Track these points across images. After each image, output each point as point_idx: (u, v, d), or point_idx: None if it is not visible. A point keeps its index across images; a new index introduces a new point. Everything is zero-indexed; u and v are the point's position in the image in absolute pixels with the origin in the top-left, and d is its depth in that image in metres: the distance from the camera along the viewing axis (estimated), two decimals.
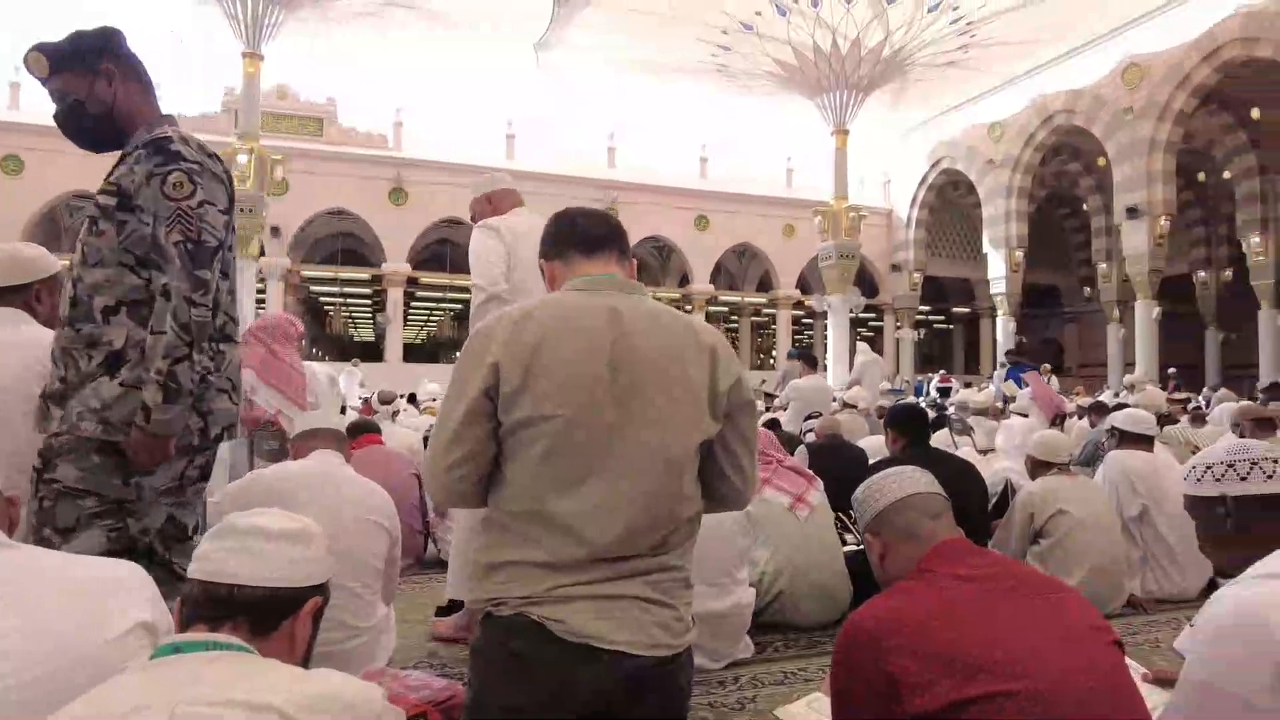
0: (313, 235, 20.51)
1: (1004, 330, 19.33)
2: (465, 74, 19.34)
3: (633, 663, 1.29)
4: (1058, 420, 7.84)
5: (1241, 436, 4.32)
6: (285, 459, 2.89)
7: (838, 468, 4.30)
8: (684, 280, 22.85)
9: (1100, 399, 9.02)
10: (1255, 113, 16.20)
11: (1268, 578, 1.42)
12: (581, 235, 1.54)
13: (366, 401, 10.15)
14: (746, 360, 25.95)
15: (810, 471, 3.53)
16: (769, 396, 10.63)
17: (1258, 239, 16.91)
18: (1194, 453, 5.64)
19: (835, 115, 17.46)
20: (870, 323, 25.79)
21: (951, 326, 28.94)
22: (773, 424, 6.40)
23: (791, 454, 4.42)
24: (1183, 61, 15.01)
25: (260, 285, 17.10)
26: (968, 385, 14.51)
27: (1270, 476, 1.55)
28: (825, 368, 17.80)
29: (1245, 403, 4.94)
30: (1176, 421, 7.56)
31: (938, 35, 16.03)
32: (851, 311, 18.20)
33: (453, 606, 3.12)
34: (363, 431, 4.52)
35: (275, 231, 17.11)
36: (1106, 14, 15.56)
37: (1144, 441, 3.65)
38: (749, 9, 15.43)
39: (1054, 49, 17.07)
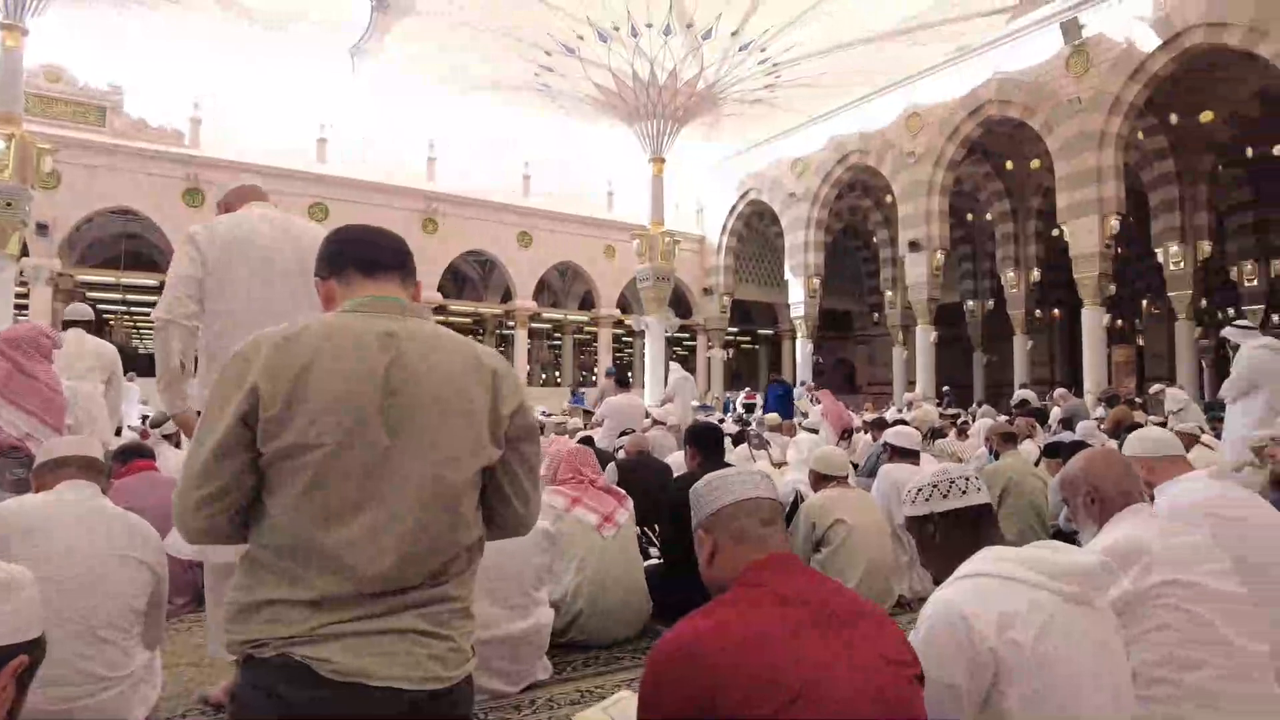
0: (91, 236, 18.35)
1: (803, 351, 20.79)
2: (275, 73, 18.13)
3: (407, 698, 1.25)
4: (846, 435, 8.53)
5: (991, 451, 4.93)
6: None
7: (644, 483, 4.45)
8: (507, 295, 22.67)
9: (883, 415, 9.91)
10: (1009, 164, 18.58)
11: (964, 578, 1.64)
12: (362, 254, 1.47)
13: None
14: (569, 378, 26.12)
15: (622, 491, 3.62)
16: (587, 414, 10.75)
17: (1012, 274, 19.34)
18: (957, 463, 6.34)
19: (653, 143, 18.07)
20: (684, 342, 26.81)
21: (757, 347, 30.77)
22: (587, 441, 6.49)
23: (603, 470, 4.53)
24: (953, 115, 16.94)
25: (22, 289, 15.04)
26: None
27: (965, 492, 1.78)
28: (644, 385, 18.31)
29: (993, 422, 5.67)
30: (946, 435, 8.47)
31: (747, 74, 17.05)
32: (667, 331, 18.83)
33: None
34: (134, 456, 4.11)
35: (42, 229, 15.11)
36: (892, 67, 17.26)
37: (910, 455, 4.06)
38: (571, 33, 15.67)
39: (849, 94, 18.69)
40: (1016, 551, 1.71)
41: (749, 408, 15.43)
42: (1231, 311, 17.83)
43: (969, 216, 21.76)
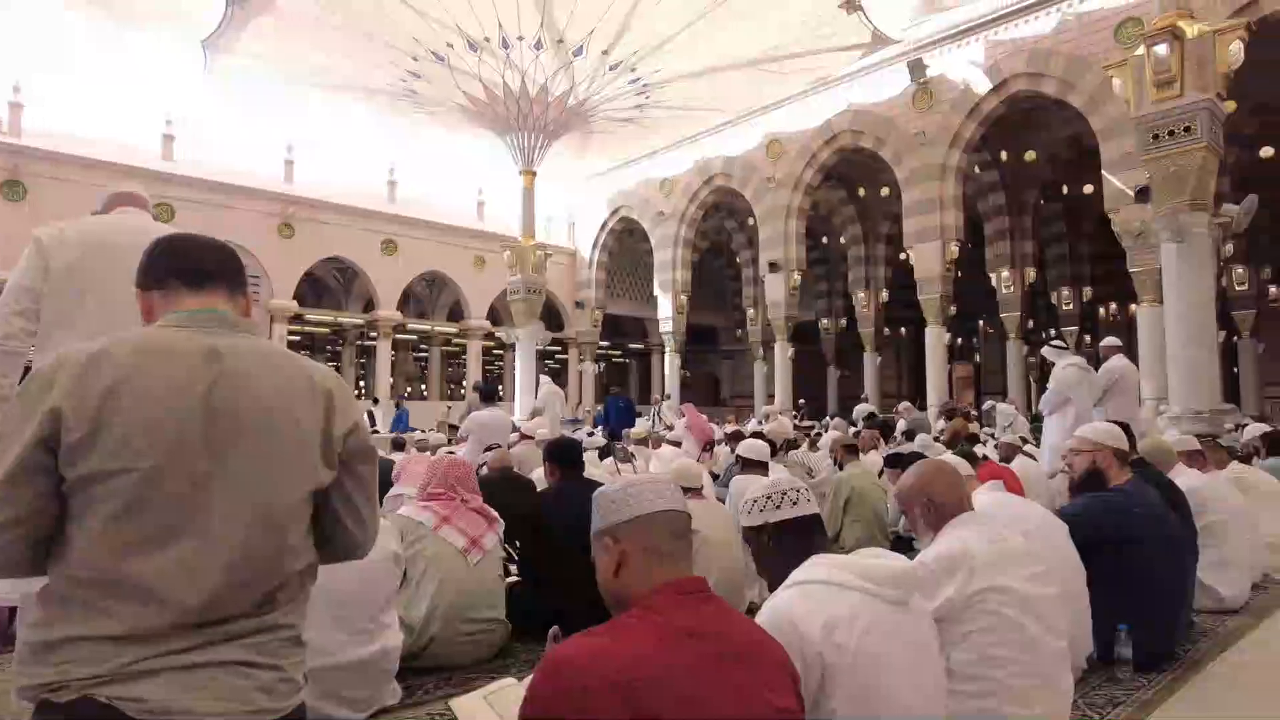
0: None
1: (671, 365, 21.24)
2: (115, 59, 16.73)
3: None
4: (708, 447, 8.77)
5: (835, 462, 5.22)
6: None
7: (506, 500, 4.41)
8: (369, 305, 21.85)
9: (740, 428, 10.26)
10: (861, 191, 19.76)
11: (794, 585, 1.75)
12: (186, 265, 1.39)
13: None
14: (436, 391, 25.46)
15: (494, 513, 3.57)
16: (452, 429, 10.53)
17: (862, 295, 20.54)
18: (808, 473, 6.66)
19: (524, 155, 18.00)
20: (556, 356, 26.74)
21: (628, 360, 31.14)
22: None
23: None
24: (811, 143, 17.86)
25: None
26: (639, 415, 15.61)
27: (796, 504, 1.90)
28: (514, 399, 18.09)
29: (838, 433, 6.03)
30: (799, 446, 8.85)
31: (618, 93, 17.30)
32: (538, 345, 18.73)
33: None
34: None
35: None
36: (755, 95, 18.01)
37: (759, 467, 4.24)
38: (440, 40, 15.40)
39: (715, 119, 19.33)
40: (842, 559, 1.84)
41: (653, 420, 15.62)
42: (1052, 331, 19.67)
43: (824, 239, 22.95)
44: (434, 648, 3.10)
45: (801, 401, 18.73)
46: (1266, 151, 14.52)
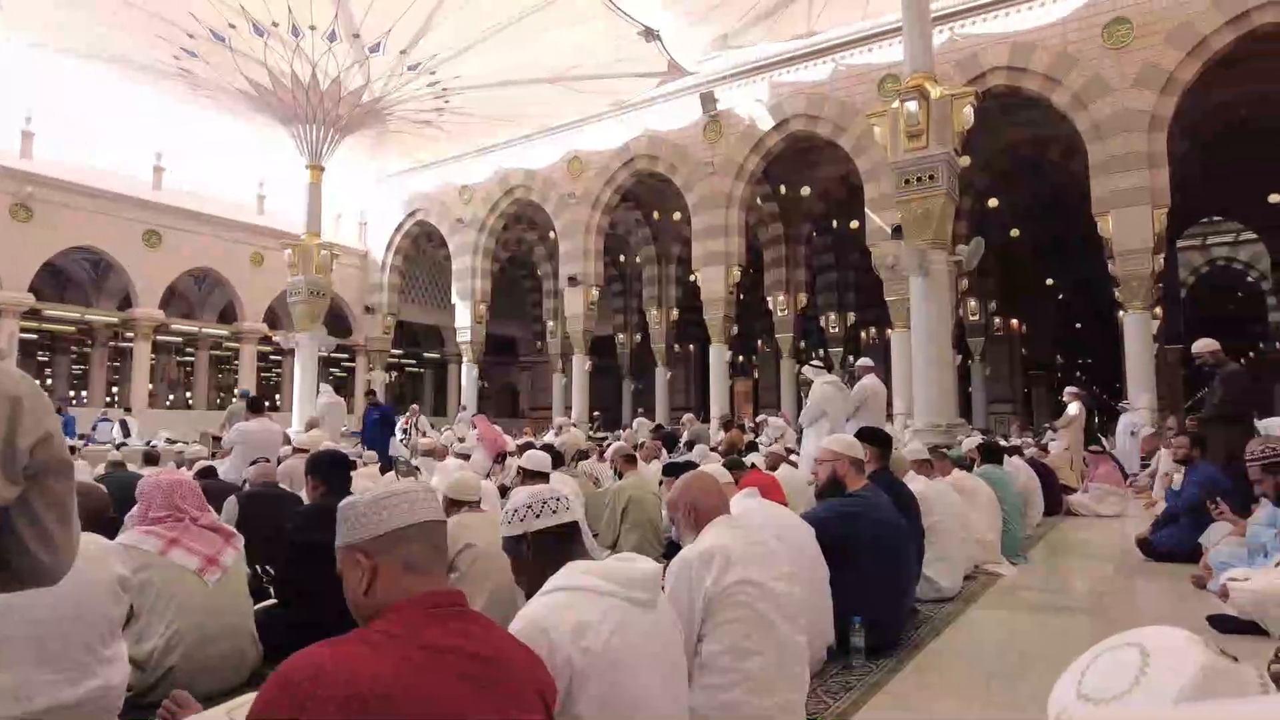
0: None
1: (468, 375, 20.84)
2: None
3: None
4: (500, 459, 8.71)
5: (615, 471, 5.40)
6: None
7: (270, 518, 4.11)
8: (126, 302, 19.48)
9: (530, 440, 10.29)
10: (656, 214, 20.59)
11: (548, 593, 1.80)
12: None
13: None
14: (203, 399, 23.18)
15: (230, 529, 3.31)
16: (215, 440, 9.65)
17: (656, 312, 21.36)
18: (595, 483, 6.81)
19: (311, 149, 16.97)
20: (343, 363, 25.33)
21: (423, 370, 30.13)
22: (207, 472, 5.84)
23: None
24: (610, 163, 18.35)
25: None
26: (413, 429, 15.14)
27: (555, 512, 1.96)
28: (292, 408, 16.88)
29: (620, 444, 6.25)
30: (590, 457, 9.02)
31: (416, 94, 16.81)
32: (321, 351, 17.65)
33: None
34: None
35: None
36: (557, 111, 18.23)
37: (541, 478, 4.29)
38: (222, 19, 14.17)
39: (517, 130, 19.32)
40: (595, 564, 1.91)
41: (409, 432, 15.01)
42: (821, 352, 21.54)
43: (622, 257, 23.64)
44: (172, 679, 2.82)
45: (596, 413, 19.11)
46: (994, 202, 16.88)
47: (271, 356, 24.09)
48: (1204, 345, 6.41)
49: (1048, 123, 14.39)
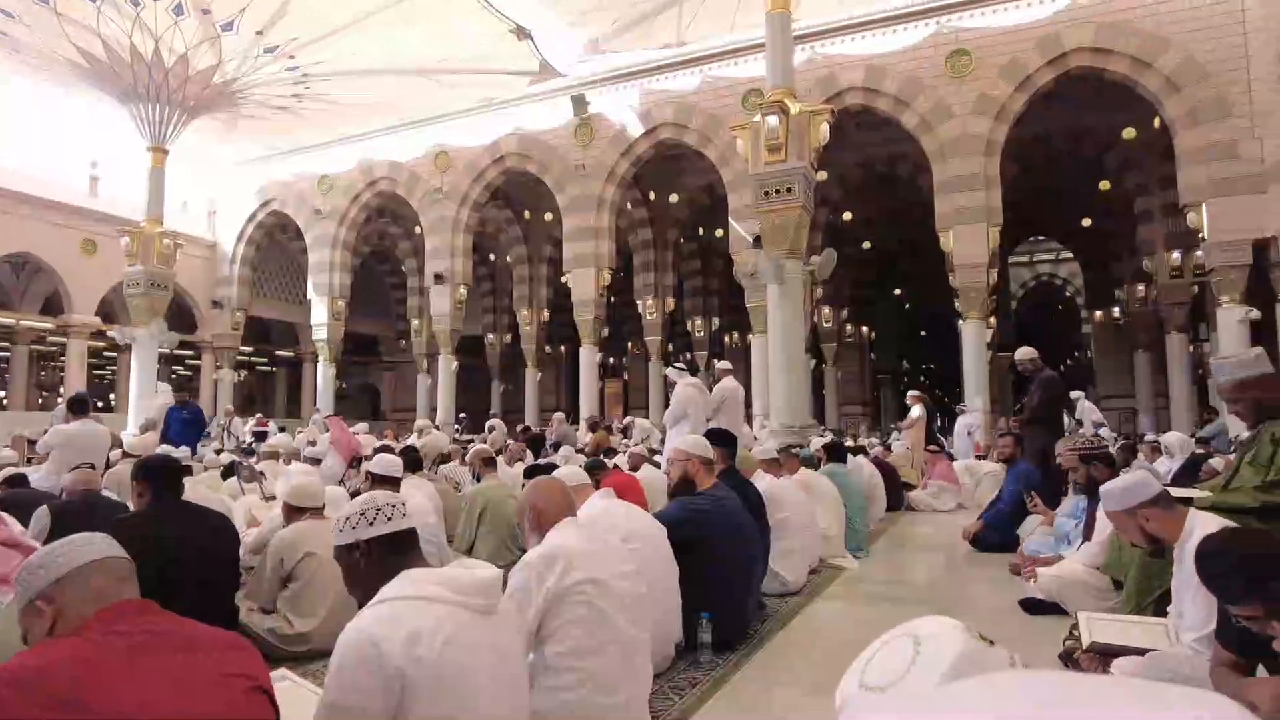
0: None
1: (324, 376, 19.90)
2: None
3: None
4: (355, 463, 8.37)
5: (474, 475, 5.33)
6: None
7: (87, 528, 3.79)
8: None
9: (388, 444, 9.96)
10: (527, 214, 20.44)
11: (380, 603, 1.75)
12: None
13: None
14: (21, 401, 20.97)
15: (34, 544, 3.02)
16: (30, 444, 8.78)
17: (526, 313, 21.21)
18: (455, 487, 6.67)
19: (152, 130, 15.73)
20: (187, 361, 23.62)
21: (275, 369, 28.53)
22: (15, 480, 5.32)
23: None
24: (479, 160, 18.04)
25: None
26: (273, 429, 14.37)
27: (391, 519, 1.91)
28: (130, 410, 15.57)
29: (481, 447, 6.19)
30: (452, 460, 8.84)
31: (273, 78, 15.92)
32: (162, 348, 16.38)
33: None
34: None
35: None
36: (424, 104, 17.75)
37: (391, 483, 4.17)
38: None
39: (382, 121, 18.65)
40: (431, 572, 1.88)
41: (260, 435, 14.15)
42: (688, 355, 22.03)
43: (492, 256, 23.30)
44: None
45: (462, 415, 18.73)
46: (848, 215, 17.83)
47: (106, 353, 22.13)
48: (1024, 353, 7.03)
49: (898, 142, 15.35)
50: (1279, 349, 11.87)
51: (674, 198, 18.86)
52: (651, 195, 19.05)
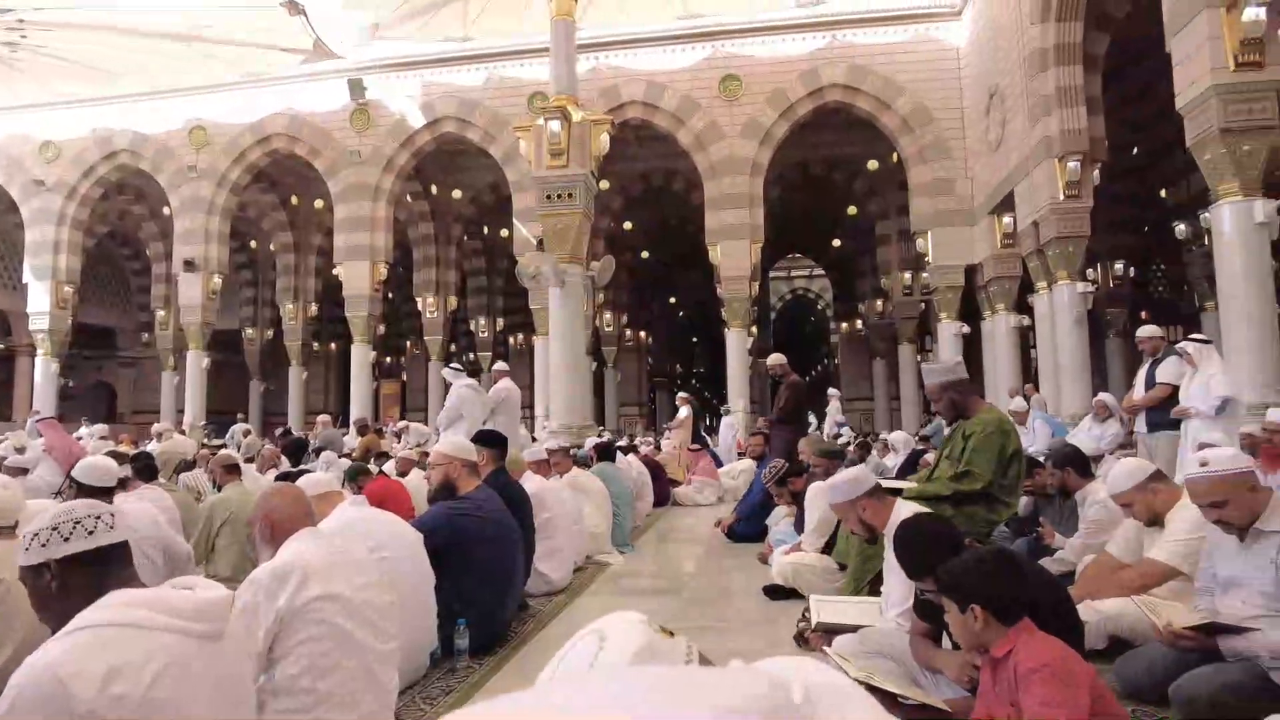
0: None
1: (45, 371, 17.29)
2: None
3: None
4: None
5: (214, 483, 4.90)
6: None
7: None
8: None
9: (129, 449, 8.88)
10: (295, 199, 19.05)
11: (73, 632, 1.52)
12: None
13: None
14: None
15: None
16: None
17: (292, 306, 19.74)
18: (197, 497, 6.07)
19: None
20: None
21: None
22: None
23: None
24: (241, 139, 16.55)
25: None
26: None
27: (92, 533, 1.69)
28: None
29: (224, 452, 5.69)
30: (195, 466, 8.04)
31: None
32: None
33: None
34: None
35: None
36: (176, 73, 16.01)
37: (102, 493, 3.72)
38: None
39: (123, 86, 16.54)
40: (141, 593, 1.66)
41: None
42: (471, 356, 21.67)
43: (253, 243, 21.46)
44: None
45: (209, 419, 17.04)
46: (628, 225, 18.45)
47: None
48: (774, 360, 7.69)
49: (674, 157, 16.12)
50: (983, 358, 13.97)
51: (457, 193, 18.46)
52: (434, 189, 18.50)
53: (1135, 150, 15.44)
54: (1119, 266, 17.20)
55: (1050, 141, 10.47)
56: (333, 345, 24.40)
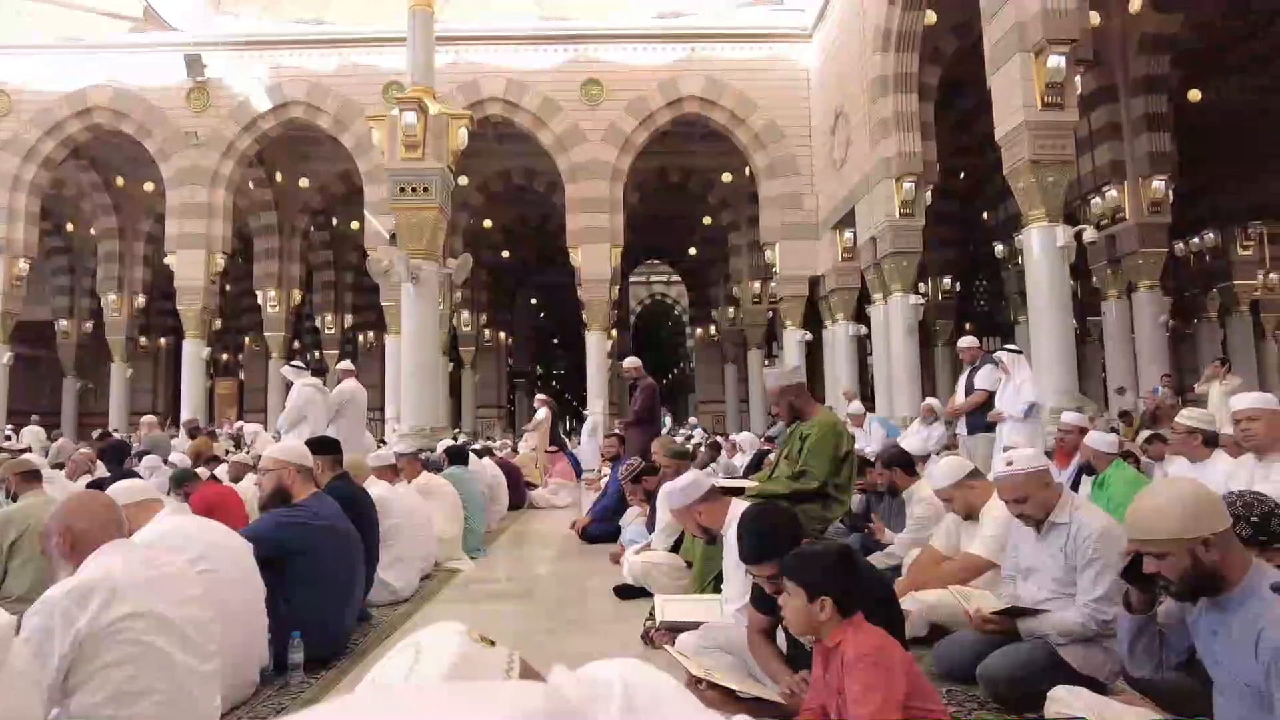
0: None
1: None
2: None
3: None
4: None
5: (8, 493, 4.41)
6: None
7: None
8: None
9: None
10: (120, 180, 17.43)
11: None
12: None
13: None
14: None
15: None
16: None
17: (114, 297, 18.03)
18: None
19: None
20: None
21: None
22: None
23: None
24: (56, 109, 14.95)
25: None
26: None
27: None
28: None
29: (24, 458, 5.11)
30: None
31: None
32: None
33: None
34: None
35: None
36: None
37: None
38: None
39: None
40: None
41: None
42: (317, 354, 20.60)
43: (70, 226, 19.46)
44: None
45: (29, 420, 15.27)
46: (488, 222, 18.16)
47: None
48: (629, 363, 7.80)
49: (536, 157, 16.03)
50: (825, 365, 14.78)
51: (305, 182, 17.50)
52: (279, 176, 17.45)
53: (962, 175, 16.83)
54: (946, 281, 18.73)
55: (889, 163, 11.23)
56: (163, 340, 22.51)
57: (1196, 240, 16.39)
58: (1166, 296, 13.46)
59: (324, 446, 4.08)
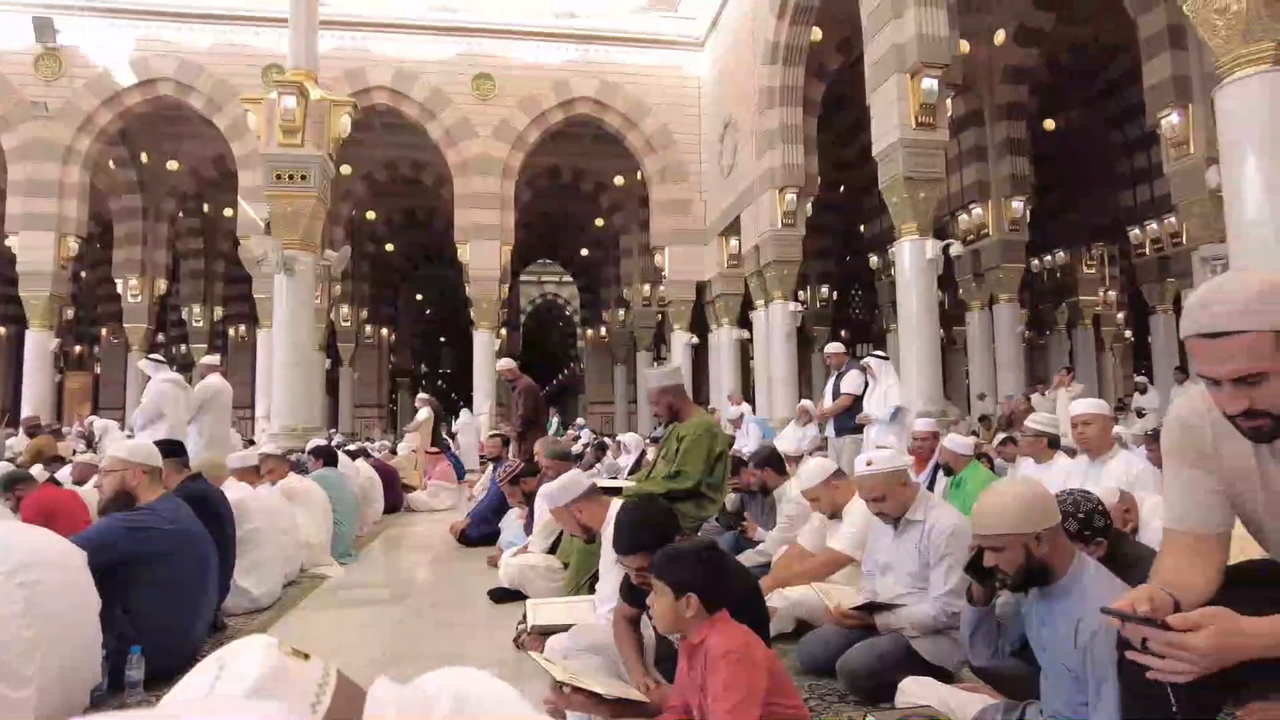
0: None
1: None
2: None
3: None
4: None
5: None
6: None
7: None
8: None
9: None
10: None
11: None
12: None
13: None
14: None
15: None
16: None
17: None
18: None
19: None
20: None
21: None
22: None
23: None
24: None
25: None
26: None
27: None
28: None
29: None
30: None
31: None
32: None
33: None
34: None
35: None
36: None
37: None
38: None
39: None
40: None
41: None
42: (183, 348, 19.31)
43: None
44: None
45: None
46: (371, 214, 17.54)
47: None
48: (504, 364, 7.64)
49: (424, 149, 15.61)
50: (710, 367, 15.07)
51: (174, 164, 16.38)
52: (144, 156, 16.25)
53: (841, 188, 17.55)
54: (824, 290, 19.51)
55: (773, 173, 11.57)
56: (3, 330, 20.57)
57: (1049, 258, 17.75)
58: (1023, 309, 14.47)
59: (167, 450, 3.79)
